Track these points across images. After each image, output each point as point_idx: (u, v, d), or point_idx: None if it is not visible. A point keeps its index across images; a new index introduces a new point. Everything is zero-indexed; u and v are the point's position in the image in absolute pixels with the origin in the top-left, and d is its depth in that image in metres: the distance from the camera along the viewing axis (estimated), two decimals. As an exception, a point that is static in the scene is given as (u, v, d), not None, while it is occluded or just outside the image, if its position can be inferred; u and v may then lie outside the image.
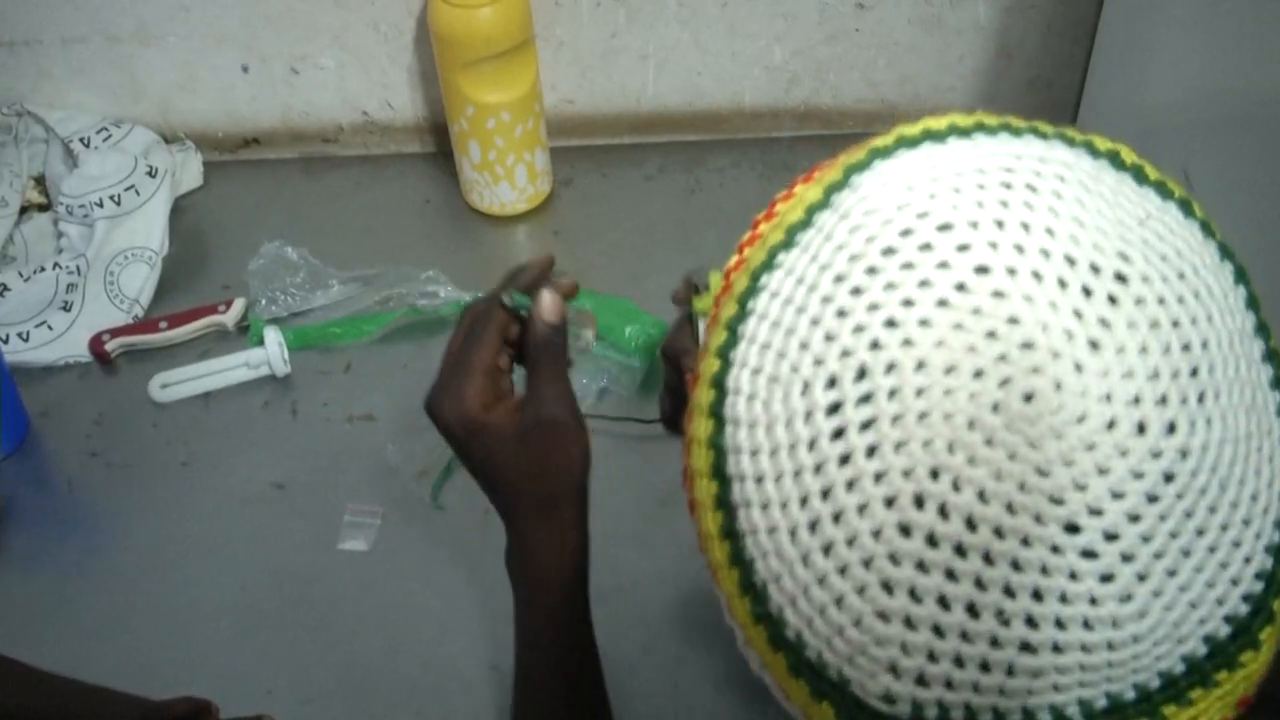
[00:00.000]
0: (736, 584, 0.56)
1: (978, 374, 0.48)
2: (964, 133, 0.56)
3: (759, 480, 0.53)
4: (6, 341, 1.29)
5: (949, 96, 1.46)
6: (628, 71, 1.44)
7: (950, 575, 0.48)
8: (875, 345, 0.50)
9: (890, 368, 0.49)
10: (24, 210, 1.43)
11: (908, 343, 0.49)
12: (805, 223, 0.56)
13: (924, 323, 0.49)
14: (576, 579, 0.87)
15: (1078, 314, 0.49)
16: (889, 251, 0.51)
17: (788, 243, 0.56)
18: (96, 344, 1.30)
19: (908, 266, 0.51)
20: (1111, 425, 0.48)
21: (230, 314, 1.32)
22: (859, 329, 0.51)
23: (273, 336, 1.26)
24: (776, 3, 1.38)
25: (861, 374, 0.50)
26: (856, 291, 0.51)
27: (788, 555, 0.52)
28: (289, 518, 1.18)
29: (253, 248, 1.36)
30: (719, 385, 0.56)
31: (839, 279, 0.52)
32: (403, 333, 1.31)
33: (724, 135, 1.48)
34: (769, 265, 0.56)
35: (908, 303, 0.50)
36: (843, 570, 0.50)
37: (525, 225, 1.42)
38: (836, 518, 0.50)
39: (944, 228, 0.51)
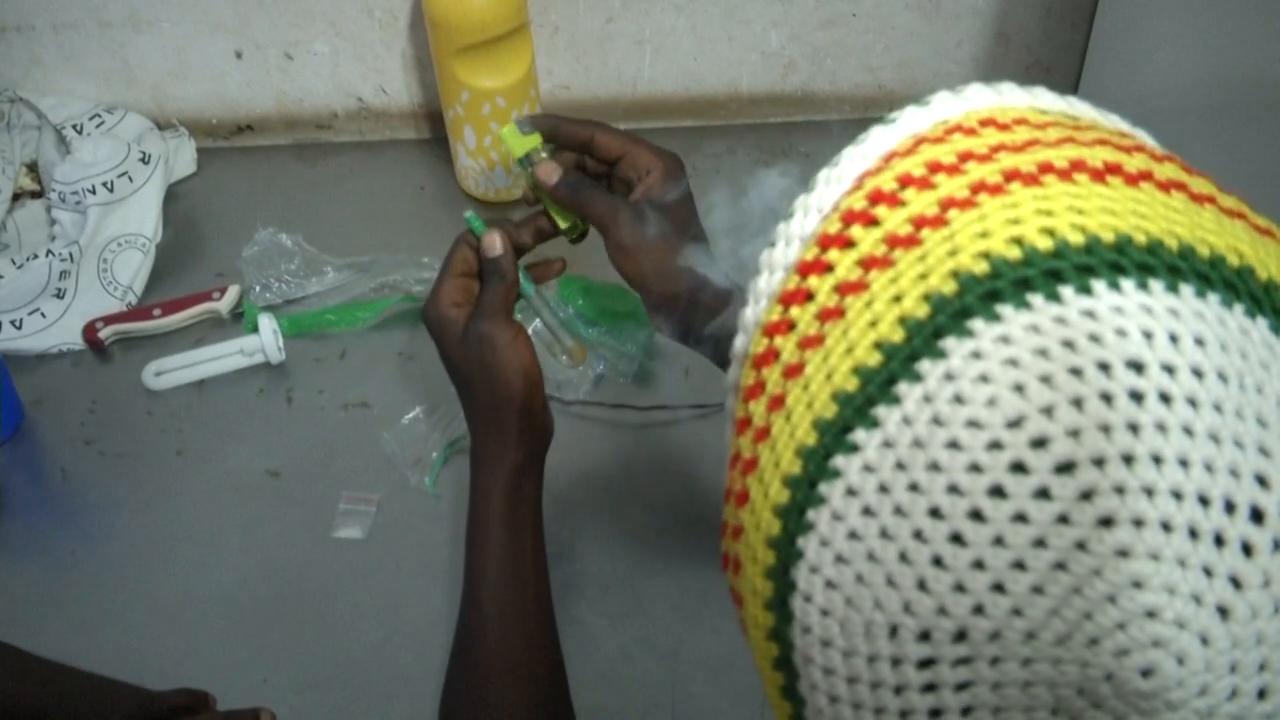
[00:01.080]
0: None
1: (1092, 643, 0.41)
2: (1084, 285, 0.42)
3: (833, 700, 0.46)
4: (0, 329, 1.28)
5: (947, 82, 1.44)
6: (624, 57, 1.43)
7: None
8: (979, 611, 0.42)
9: (994, 636, 0.42)
10: (16, 197, 1.42)
11: (1016, 612, 0.41)
12: (878, 392, 0.44)
13: (1036, 590, 0.41)
14: (515, 493, 0.95)
15: (1208, 571, 0.41)
16: (997, 493, 0.41)
17: (858, 416, 0.44)
18: (90, 332, 1.30)
19: (1021, 520, 0.41)
20: (1233, 695, 0.42)
21: (224, 301, 1.31)
22: (960, 589, 0.42)
23: (267, 324, 1.25)
24: (773, -13, 1.37)
25: (961, 636, 0.42)
26: (958, 540, 0.42)
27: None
28: (284, 505, 1.18)
29: (247, 235, 1.35)
30: (779, 575, 0.47)
31: (935, 514, 0.42)
32: (398, 319, 1.31)
33: (720, 121, 1.48)
34: (837, 441, 0.44)
35: (1019, 566, 0.41)
36: None
37: (520, 211, 1.41)
38: None
39: (1063, 469, 0.41)
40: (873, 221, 0.46)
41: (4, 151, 1.43)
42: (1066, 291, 0.41)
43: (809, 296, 0.47)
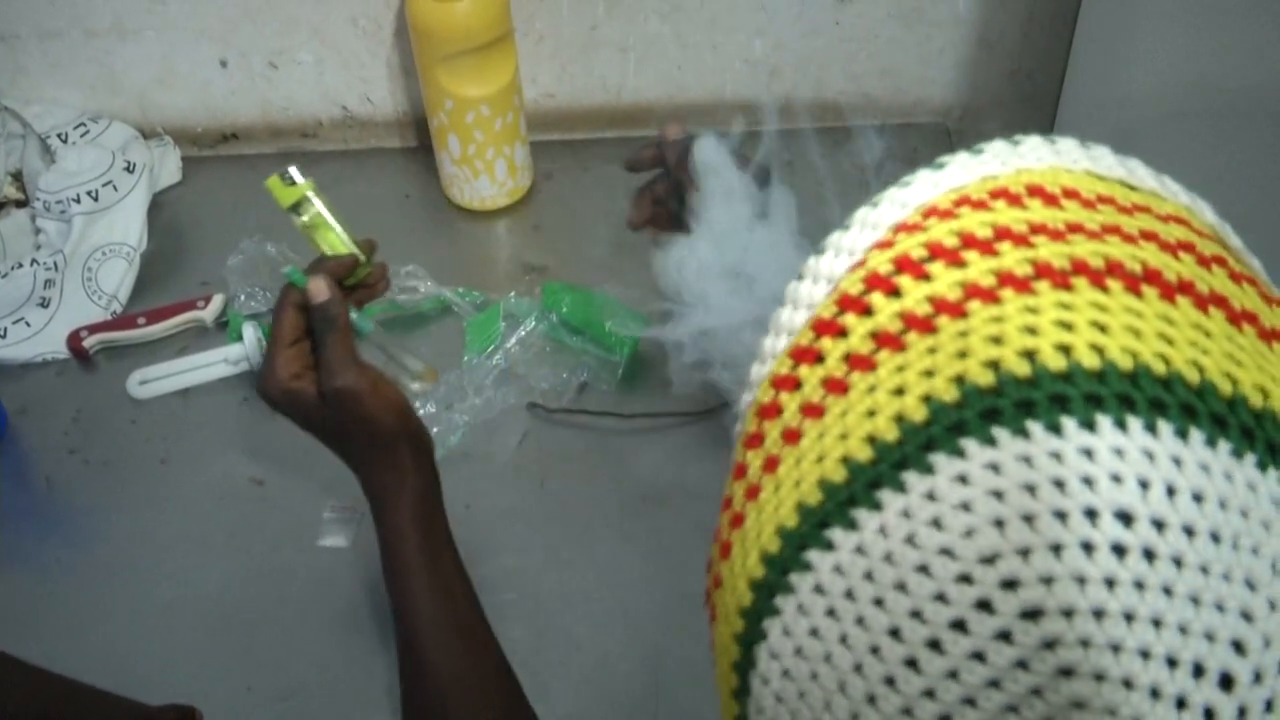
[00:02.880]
0: None
1: None
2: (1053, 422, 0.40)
3: None
4: (-16, 338, 1.28)
5: (930, 89, 1.46)
6: (608, 65, 1.43)
7: None
8: None
9: None
10: (1, 206, 1.42)
11: None
12: (861, 493, 0.42)
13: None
14: (427, 519, 0.97)
15: None
16: (959, 628, 0.39)
17: (838, 512, 0.42)
18: (74, 340, 1.30)
19: (978, 659, 0.39)
20: None
21: (209, 310, 1.31)
22: (908, 713, 0.41)
23: (251, 332, 1.25)
24: (756, -4, 1.38)
25: None
26: (913, 666, 0.40)
27: None
28: (268, 514, 1.18)
29: (232, 243, 1.35)
30: (745, 644, 0.46)
31: (894, 634, 0.41)
32: (383, 327, 1.31)
33: (704, 129, 1.47)
34: (814, 534, 0.43)
35: (969, 702, 0.40)
36: None
37: (505, 219, 1.42)
38: None
39: (1029, 615, 0.39)
40: (894, 292, 0.45)
41: (-11, 160, 1.43)
42: (1069, 424, 0.39)
43: (819, 358, 0.46)
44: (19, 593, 1.15)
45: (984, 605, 0.39)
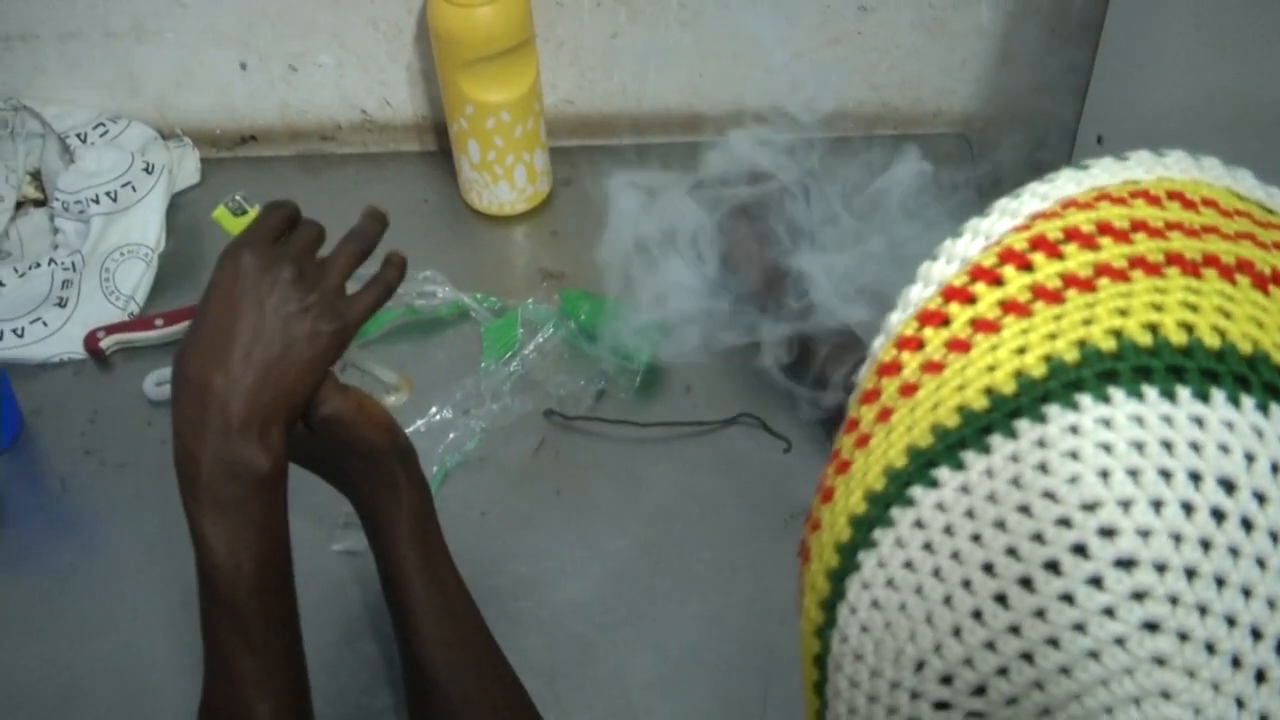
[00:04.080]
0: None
1: None
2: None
3: (850, 711, 0.47)
4: (1, 338, 1.28)
5: (951, 100, 1.46)
6: (628, 72, 1.43)
7: None
8: (1003, 673, 0.42)
9: (1011, 702, 0.42)
10: (19, 206, 1.42)
11: (1038, 686, 0.41)
12: (972, 436, 0.44)
13: (1064, 671, 0.40)
14: (424, 535, 0.97)
15: (1239, 703, 0.40)
16: (1052, 569, 0.41)
17: (948, 453, 0.44)
18: (91, 341, 1.29)
19: (1068, 600, 0.41)
20: None
21: (226, 312, 1.31)
22: (991, 648, 0.42)
23: (269, 335, 1.25)
24: (778, 5, 1.37)
25: (980, 691, 0.42)
26: (1002, 601, 0.42)
27: None
28: (283, 518, 1.18)
29: (249, 246, 1.34)
30: (837, 579, 0.47)
31: (988, 570, 0.42)
32: (400, 333, 1.31)
33: (724, 138, 1.47)
34: (921, 472, 0.45)
35: (1053, 643, 0.41)
36: None
37: (524, 225, 1.41)
38: None
39: (1123, 564, 0.40)
40: (1026, 266, 0.46)
41: (7, 160, 1.43)
42: (1183, 393, 0.41)
43: (945, 322, 0.47)
44: (32, 593, 1.15)
45: (1080, 549, 0.40)
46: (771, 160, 1.40)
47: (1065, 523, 0.40)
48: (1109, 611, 0.40)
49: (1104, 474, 0.40)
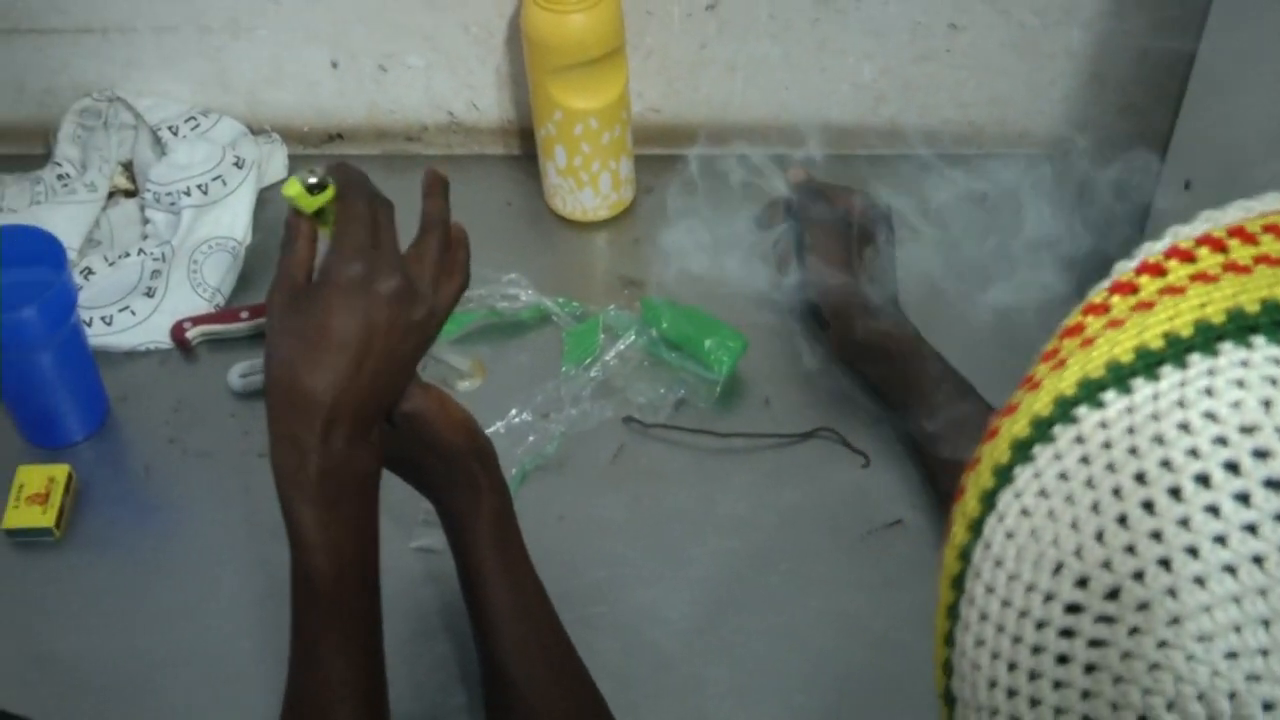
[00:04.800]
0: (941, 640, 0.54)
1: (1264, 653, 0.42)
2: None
3: (982, 617, 0.49)
4: (90, 325, 1.30)
5: (1038, 121, 1.45)
6: (715, 82, 1.43)
7: None
8: (1139, 578, 0.43)
9: (1142, 607, 0.43)
10: (110, 195, 1.44)
11: (1171, 593, 0.43)
12: (1142, 367, 0.47)
13: (1198, 581, 0.42)
14: (504, 540, 0.98)
15: None
16: (1203, 483, 0.43)
17: (1119, 380, 0.47)
18: (178, 331, 1.31)
19: (1213, 513, 0.43)
20: None
21: (311, 308, 1.32)
22: (1131, 551, 0.44)
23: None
24: (868, 20, 1.37)
25: (1114, 594, 0.44)
26: (1148, 508, 0.44)
27: (980, 695, 0.49)
28: (363, 514, 1.19)
29: (334, 242, 1.36)
30: (989, 498, 0.50)
31: (1139, 479, 0.44)
32: (481, 334, 1.31)
33: (807, 150, 1.47)
34: (1090, 395, 0.48)
35: (1192, 552, 0.43)
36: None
37: (606, 232, 1.42)
38: (1032, 675, 0.46)
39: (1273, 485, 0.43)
40: (1221, 248, 0.49)
41: (101, 150, 1.45)
42: None
43: (1134, 290, 0.50)
44: (112, 578, 1.17)
45: (1232, 467, 0.42)
46: (854, 175, 1.40)
47: (1222, 442, 0.43)
48: (1251, 529, 0.42)
49: (1265, 404, 0.43)
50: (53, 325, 1.17)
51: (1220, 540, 0.42)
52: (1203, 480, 0.43)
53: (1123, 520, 0.44)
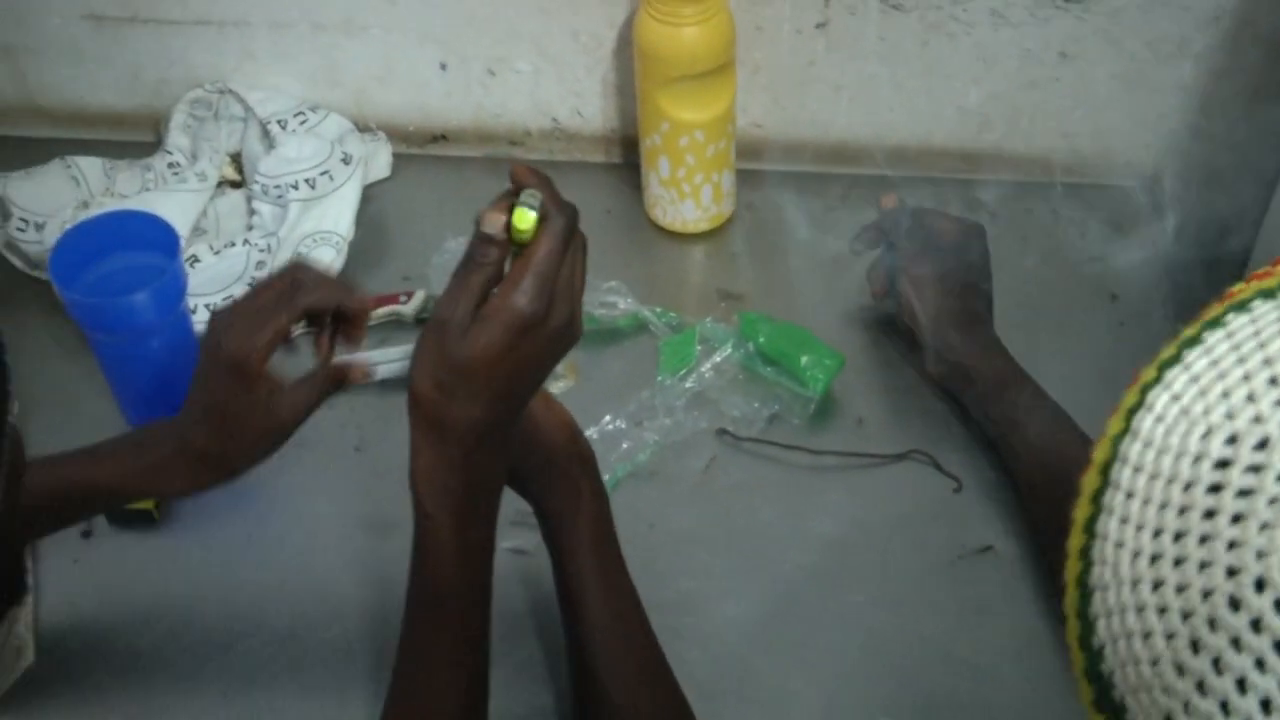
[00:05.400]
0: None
1: None
2: None
3: (1130, 495, 0.53)
4: (194, 312, 1.32)
5: (1143, 154, 1.45)
6: (820, 101, 1.44)
7: (1260, 665, 0.46)
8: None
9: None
10: (218, 185, 1.46)
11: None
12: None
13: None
14: (603, 545, 1.00)
15: None
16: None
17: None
18: (279, 323, 1.33)
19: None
20: None
21: (411, 305, 1.34)
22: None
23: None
24: (978, 46, 1.37)
25: (1263, 444, 0.49)
26: (1274, 382, 0.50)
27: (1122, 572, 0.52)
28: (455, 511, 1.20)
29: (435, 241, 1.37)
30: (1114, 444, 0.55)
31: (1249, 398, 0.50)
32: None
33: (909, 172, 1.48)
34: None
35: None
36: (1162, 610, 0.50)
37: (704, 244, 1.43)
38: (1178, 561, 0.49)
39: None
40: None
41: (212, 140, 1.47)
42: None
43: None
44: (204, 560, 1.18)
45: None
46: (954, 199, 1.40)
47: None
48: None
49: None
50: (163, 310, 1.19)
51: None
52: None
53: (1232, 440, 0.49)
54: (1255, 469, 0.48)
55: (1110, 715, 0.53)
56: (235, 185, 1.48)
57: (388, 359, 1.26)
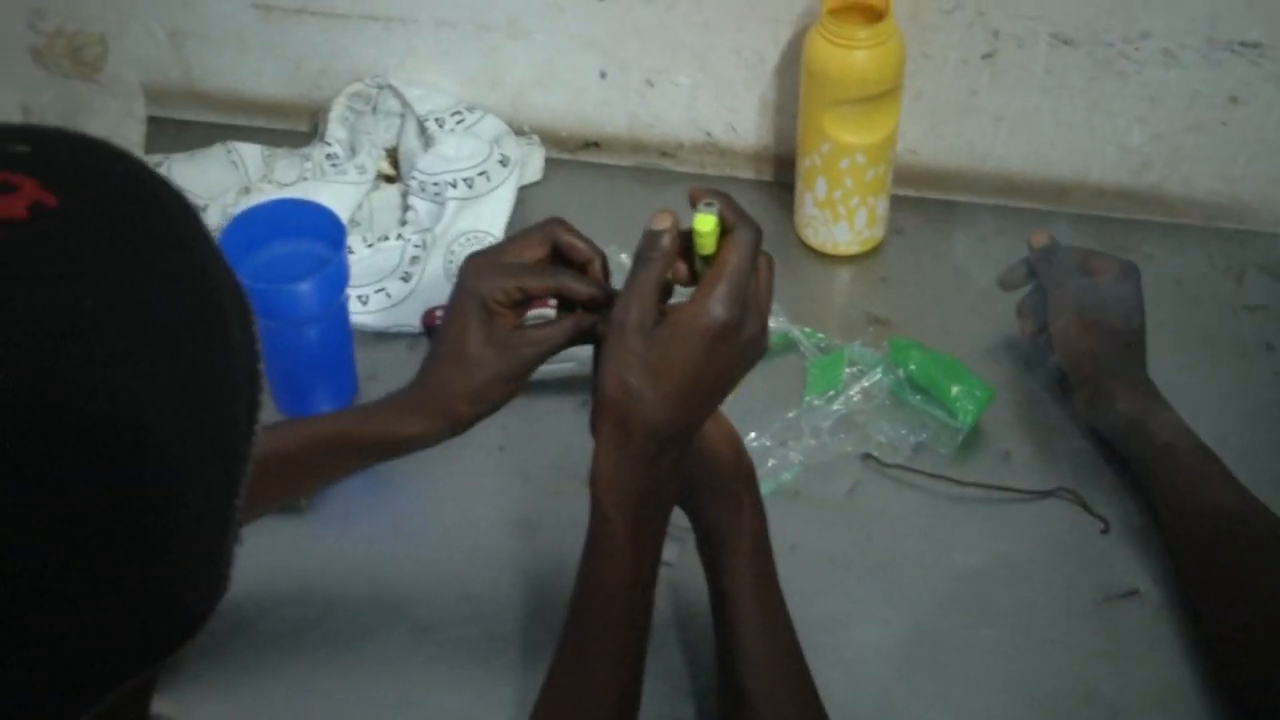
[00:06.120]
0: None
1: None
2: None
3: None
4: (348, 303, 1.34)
5: (1309, 203, 1.43)
6: (979, 131, 1.43)
7: None
8: None
9: None
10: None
11: None
12: None
13: None
14: (759, 563, 1.00)
15: None
16: None
17: None
18: (429, 318, 1.34)
19: None
20: None
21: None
22: None
23: (603, 339, 1.28)
24: (1146, 85, 1.36)
25: None
26: None
27: None
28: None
29: (586, 248, 1.38)
30: None
31: None
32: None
33: (1062, 208, 1.46)
34: None
35: None
36: None
37: (853, 268, 1.42)
38: None
39: None
40: None
41: (370, 134, 1.49)
42: None
43: None
44: (349, 551, 1.20)
45: None
46: (1108, 239, 1.39)
47: None
48: None
49: None
50: (324, 301, 1.20)
51: None
52: None
53: None
54: None
55: None
56: (390, 180, 1.49)
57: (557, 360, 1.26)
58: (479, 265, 0.96)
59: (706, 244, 0.89)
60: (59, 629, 0.47)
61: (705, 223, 0.88)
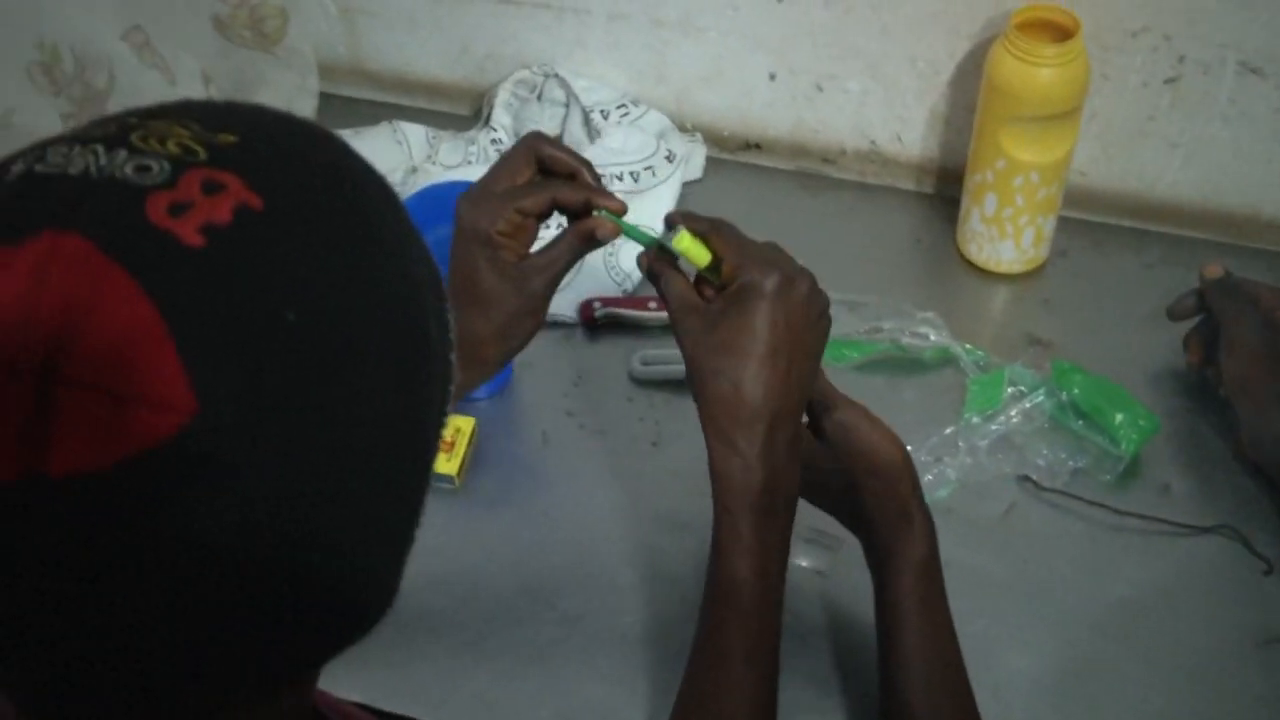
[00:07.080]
0: None
1: None
2: None
3: None
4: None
5: None
6: (1152, 156, 1.41)
7: None
8: None
9: None
10: (536, 167, 1.49)
11: None
12: None
13: None
14: (927, 554, 0.99)
15: None
16: None
17: None
18: (586, 310, 1.35)
19: None
20: None
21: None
22: None
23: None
24: (1339, 118, 1.33)
25: None
26: None
27: None
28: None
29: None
30: None
31: None
32: (878, 366, 1.32)
33: (1230, 240, 1.44)
34: None
35: None
36: None
37: (1014, 287, 1.41)
38: None
39: None
40: None
41: (535, 121, 1.50)
42: None
43: None
44: (500, 535, 1.20)
45: None
46: (1276, 275, 1.36)
47: None
48: None
49: None
50: (488, 284, 1.21)
51: None
52: None
53: None
54: None
55: None
56: (552, 169, 1.50)
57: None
58: (473, 199, 0.96)
59: (699, 257, 0.93)
60: (273, 637, 0.55)
61: (680, 241, 0.93)
